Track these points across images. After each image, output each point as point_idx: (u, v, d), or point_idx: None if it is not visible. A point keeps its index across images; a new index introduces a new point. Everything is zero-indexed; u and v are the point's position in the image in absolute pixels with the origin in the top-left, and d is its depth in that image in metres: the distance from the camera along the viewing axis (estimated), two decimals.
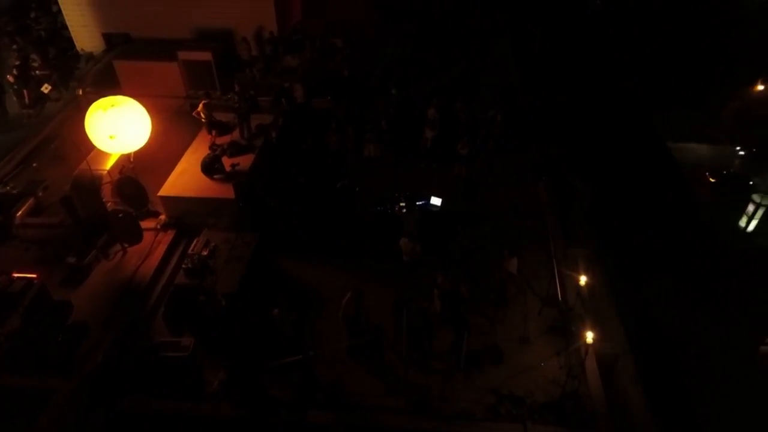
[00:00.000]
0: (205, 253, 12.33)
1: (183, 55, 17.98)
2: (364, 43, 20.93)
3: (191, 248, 12.58)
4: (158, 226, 13.61)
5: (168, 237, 13.48)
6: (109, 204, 13.01)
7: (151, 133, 13.33)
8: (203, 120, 14.98)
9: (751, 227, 15.16)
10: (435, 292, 11.67)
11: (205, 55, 17.90)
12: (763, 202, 14.82)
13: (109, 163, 13.50)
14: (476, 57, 21.46)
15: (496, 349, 11.21)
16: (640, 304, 11.51)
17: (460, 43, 22.33)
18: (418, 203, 13.72)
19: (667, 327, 11.34)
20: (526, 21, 24.99)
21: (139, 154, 13.99)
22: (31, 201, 13.90)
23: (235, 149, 14.52)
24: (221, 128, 15.33)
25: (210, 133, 15.07)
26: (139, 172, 13.83)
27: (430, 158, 16.21)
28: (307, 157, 15.05)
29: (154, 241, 13.33)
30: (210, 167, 13.60)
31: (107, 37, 20.01)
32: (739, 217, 15.33)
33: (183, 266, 12.07)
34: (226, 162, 13.96)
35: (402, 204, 13.53)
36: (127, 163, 13.74)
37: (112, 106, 12.57)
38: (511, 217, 13.92)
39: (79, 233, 12.81)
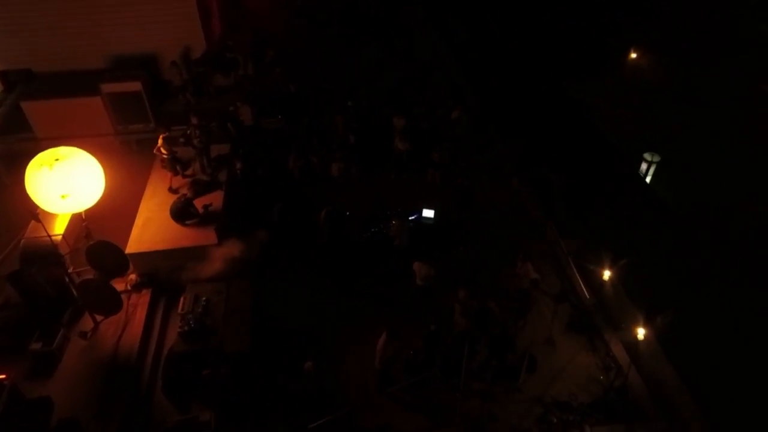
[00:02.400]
0: (199, 310, 11.02)
1: (107, 87, 15.92)
2: (294, 54, 19.85)
3: (180, 308, 11.18)
4: (129, 287, 11.97)
5: (145, 298, 11.88)
6: (71, 271, 11.17)
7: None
8: (165, 156, 13.38)
9: None
10: (457, 308, 11.26)
11: (134, 86, 15.97)
12: (654, 160, 16.06)
13: (61, 226, 11.58)
14: (411, 57, 21.19)
15: (530, 356, 11.04)
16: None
17: (390, 44, 21.91)
18: (410, 218, 13.21)
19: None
20: (447, 14, 25.10)
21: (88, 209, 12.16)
22: None
23: (200, 188, 13.07)
24: (183, 164, 13.83)
25: (174, 169, 13.52)
26: (95, 231, 12.01)
27: (399, 169, 15.70)
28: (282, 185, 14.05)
29: (128, 306, 11.68)
30: (183, 213, 12.11)
31: (4, 75, 17.28)
32: None
33: (179, 330, 10.67)
34: (197, 204, 12.52)
35: (394, 222, 12.93)
36: (80, 222, 11.88)
37: (57, 160, 10.70)
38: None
39: (38, 312, 10.92)
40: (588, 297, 11.54)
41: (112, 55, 17.17)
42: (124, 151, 16.66)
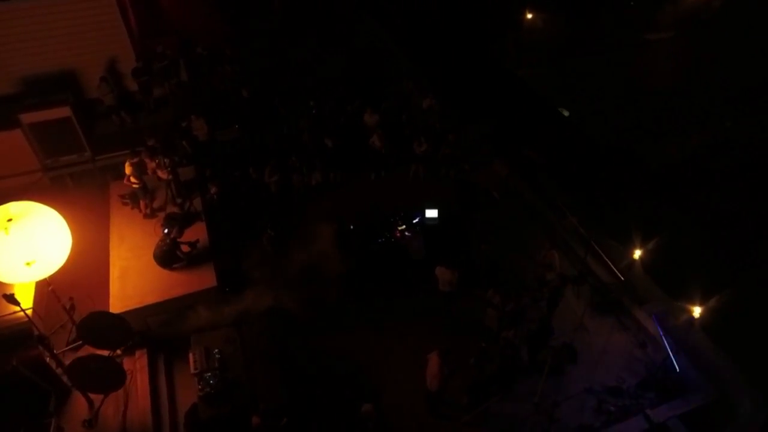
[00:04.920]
0: (216, 366, 9.65)
1: (27, 117, 13.53)
2: (234, 56, 18.04)
3: (192, 367, 9.72)
4: (120, 352, 10.26)
5: (142, 361, 10.25)
6: (58, 352, 9.32)
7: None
8: (135, 185, 11.62)
9: None
10: (490, 313, 10.78)
11: (62, 111, 13.69)
12: (564, 115, 17.09)
13: (27, 298, 9.58)
14: (351, 47, 20.04)
15: (569, 347, 10.80)
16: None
17: (326, 35, 20.55)
18: (413, 221, 12.41)
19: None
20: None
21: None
22: None
23: (180, 223, 11.37)
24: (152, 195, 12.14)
25: (145, 197, 11.86)
26: (61, 294, 10.11)
27: (379, 167, 14.76)
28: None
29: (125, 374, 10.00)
30: (170, 257, 10.49)
31: None
32: None
33: (200, 393, 9.27)
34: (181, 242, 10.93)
35: (401, 227, 12.12)
36: (45, 288, 9.93)
37: (11, 221, 8.77)
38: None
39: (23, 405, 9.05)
40: (622, 278, 11.38)
41: (22, 78, 14.55)
42: (58, 189, 14.36)
